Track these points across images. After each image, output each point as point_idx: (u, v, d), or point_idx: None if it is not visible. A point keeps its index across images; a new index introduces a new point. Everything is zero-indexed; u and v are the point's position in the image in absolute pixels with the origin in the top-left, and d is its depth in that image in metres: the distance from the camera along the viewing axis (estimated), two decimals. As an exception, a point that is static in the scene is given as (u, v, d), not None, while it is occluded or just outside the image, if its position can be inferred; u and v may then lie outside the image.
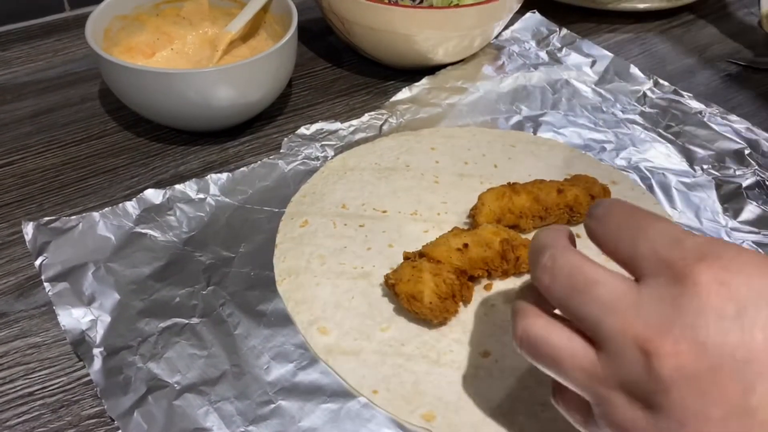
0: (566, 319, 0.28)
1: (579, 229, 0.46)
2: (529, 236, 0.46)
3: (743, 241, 0.48)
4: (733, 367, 0.23)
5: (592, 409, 0.27)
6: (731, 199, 0.51)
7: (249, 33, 0.62)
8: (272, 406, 0.37)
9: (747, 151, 0.55)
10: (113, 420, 0.36)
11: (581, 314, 0.27)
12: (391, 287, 0.41)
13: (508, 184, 0.47)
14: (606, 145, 0.56)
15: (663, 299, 0.25)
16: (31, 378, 0.39)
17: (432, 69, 0.64)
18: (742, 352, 0.23)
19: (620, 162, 0.55)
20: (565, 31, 0.70)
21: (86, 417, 0.37)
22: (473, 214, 0.47)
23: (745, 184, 0.52)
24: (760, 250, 0.47)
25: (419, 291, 0.40)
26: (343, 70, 0.66)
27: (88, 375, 0.39)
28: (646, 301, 0.25)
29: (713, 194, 0.52)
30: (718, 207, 0.51)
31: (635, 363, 0.25)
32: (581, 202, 0.47)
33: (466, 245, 0.42)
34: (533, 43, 0.69)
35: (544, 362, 0.28)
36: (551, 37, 0.70)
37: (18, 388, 0.38)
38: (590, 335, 0.27)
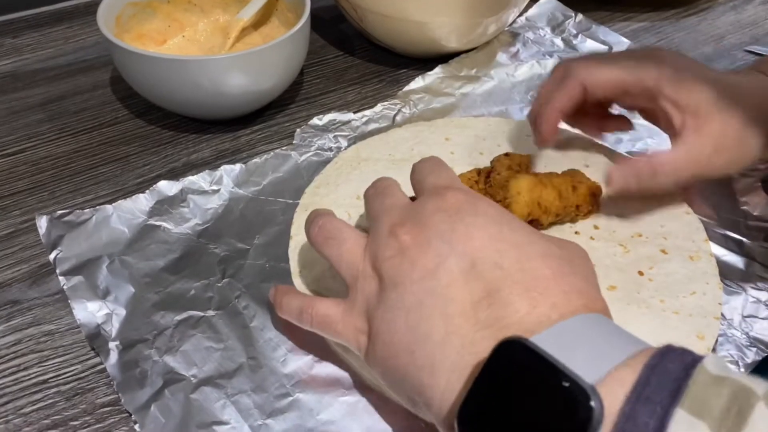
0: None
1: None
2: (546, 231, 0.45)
3: (764, 236, 0.47)
4: (435, 243, 0.31)
5: (347, 302, 0.35)
6: (748, 192, 0.50)
7: (261, 20, 0.61)
8: (290, 399, 0.36)
9: (765, 142, 0.54)
10: (129, 413, 0.36)
11: (373, 210, 0.36)
12: None
13: (534, 174, 0.45)
14: (622, 136, 0.55)
15: (419, 205, 0.34)
16: (45, 366, 0.39)
17: (445, 57, 0.63)
18: (446, 235, 0.31)
19: (636, 152, 0.54)
20: (580, 17, 0.69)
21: (100, 405, 0.37)
22: (508, 203, 0.44)
23: (762, 177, 0.51)
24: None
25: None
26: (355, 58, 0.65)
27: (102, 363, 0.38)
28: (411, 207, 0.34)
29: (730, 187, 0.50)
30: (735, 200, 0.49)
31: (382, 240, 0.33)
32: (588, 201, 0.46)
33: None
34: (548, 30, 0.68)
35: (332, 243, 0.36)
36: (567, 23, 0.68)
37: (32, 375, 0.38)
38: (371, 229, 0.35)
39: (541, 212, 0.44)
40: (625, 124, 0.50)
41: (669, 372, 0.24)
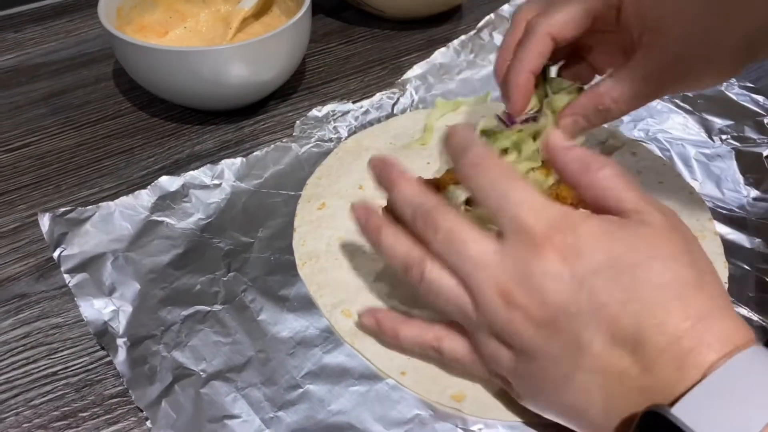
0: None
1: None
2: None
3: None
4: (566, 318, 0.28)
5: (472, 338, 0.33)
6: (752, 169, 0.48)
7: (262, 10, 0.58)
8: (300, 390, 0.35)
9: (767, 120, 0.51)
10: (141, 410, 0.34)
11: (457, 268, 0.30)
12: None
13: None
14: (623, 117, 0.53)
15: (518, 260, 0.29)
16: (54, 358, 0.37)
17: (438, 17, 0.61)
18: (572, 307, 0.28)
19: (638, 133, 0.51)
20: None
21: (109, 396, 0.35)
22: None
23: (765, 153, 0.49)
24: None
25: None
26: (357, 47, 0.63)
27: (109, 354, 0.37)
28: (507, 259, 0.29)
29: (733, 164, 0.48)
30: (739, 177, 0.47)
31: (498, 308, 0.29)
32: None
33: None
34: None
35: (437, 299, 0.32)
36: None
37: (41, 368, 0.37)
38: (465, 284, 0.30)
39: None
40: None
41: None
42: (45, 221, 0.43)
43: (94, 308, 0.38)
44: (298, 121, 0.52)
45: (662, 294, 0.28)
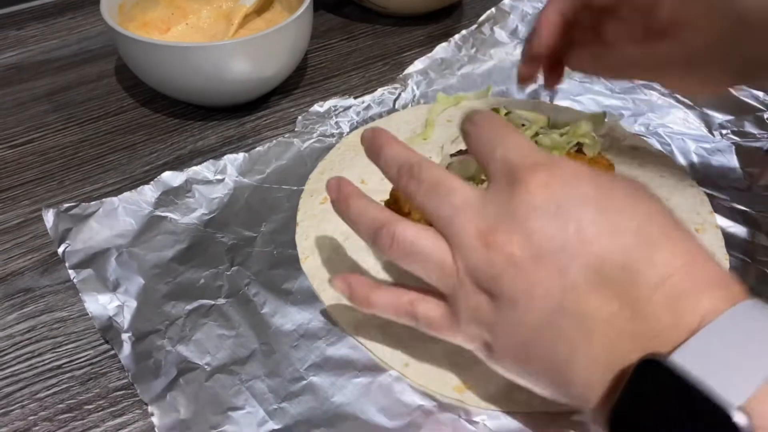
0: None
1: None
2: None
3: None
4: (551, 253, 0.26)
5: (448, 304, 0.30)
6: (752, 163, 0.48)
7: (264, 6, 0.58)
8: (304, 382, 0.35)
9: (767, 116, 0.51)
10: (146, 404, 0.34)
11: (438, 217, 0.29)
12: None
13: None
14: (623, 112, 0.53)
15: (501, 200, 0.28)
16: (58, 351, 0.37)
17: (439, 13, 0.61)
18: (558, 241, 0.26)
19: (638, 128, 0.51)
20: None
21: (114, 389, 0.36)
22: None
23: (766, 148, 0.49)
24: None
25: None
26: (359, 42, 0.63)
27: (114, 349, 0.37)
28: (488, 203, 0.28)
29: (733, 159, 0.48)
30: (740, 171, 0.47)
31: (478, 253, 0.28)
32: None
33: None
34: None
35: (413, 260, 0.30)
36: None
37: (46, 361, 0.37)
38: (445, 234, 0.29)
39: None
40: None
41: None
42: (49, 217, 0.43)
43: (99, 303, 0.38)
44: (300, 117, 0.52)
45: (650, 229, 0.26)
